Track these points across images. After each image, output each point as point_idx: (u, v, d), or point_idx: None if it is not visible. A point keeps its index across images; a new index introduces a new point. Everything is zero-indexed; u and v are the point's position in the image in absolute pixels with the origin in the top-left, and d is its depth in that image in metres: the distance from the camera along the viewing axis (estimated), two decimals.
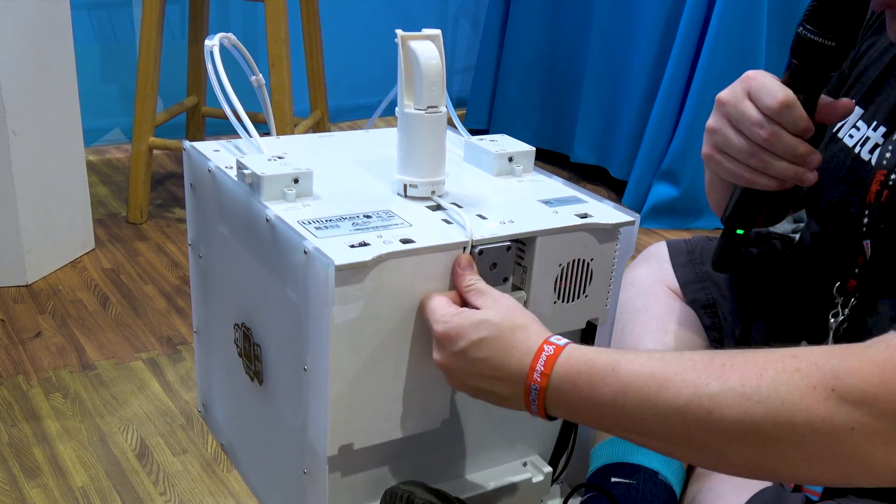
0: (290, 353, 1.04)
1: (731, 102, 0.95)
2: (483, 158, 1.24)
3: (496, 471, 1.20)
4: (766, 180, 0.95)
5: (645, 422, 0.81)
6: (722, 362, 0.78)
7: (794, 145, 0.92)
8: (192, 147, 1.26)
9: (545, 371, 0.87)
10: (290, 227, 1.00)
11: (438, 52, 1.06)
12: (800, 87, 0.93)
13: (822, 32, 0.91)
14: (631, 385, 0.81)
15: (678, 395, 0.78)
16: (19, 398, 1.57)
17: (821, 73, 0.93)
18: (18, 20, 1.82)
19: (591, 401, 0.85)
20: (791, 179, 0.94)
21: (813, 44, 0.92)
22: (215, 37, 1.24)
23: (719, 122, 0.97)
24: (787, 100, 0.91)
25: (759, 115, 0.92)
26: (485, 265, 1.02)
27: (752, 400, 0.74)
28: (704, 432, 0.77)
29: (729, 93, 0.96)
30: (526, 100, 3.07)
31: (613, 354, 0.85)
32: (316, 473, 1.04)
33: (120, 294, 1.97)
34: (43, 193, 1.97)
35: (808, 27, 0.92)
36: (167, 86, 2.66)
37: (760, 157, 0.93)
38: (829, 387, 0.72)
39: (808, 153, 0.92)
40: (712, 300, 1.29)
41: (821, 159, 0.93)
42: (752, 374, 0.75)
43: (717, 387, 0.76)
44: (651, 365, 0.81)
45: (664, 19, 2.59)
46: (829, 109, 0.95)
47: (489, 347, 0.91)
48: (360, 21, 3.23)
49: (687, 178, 2.58)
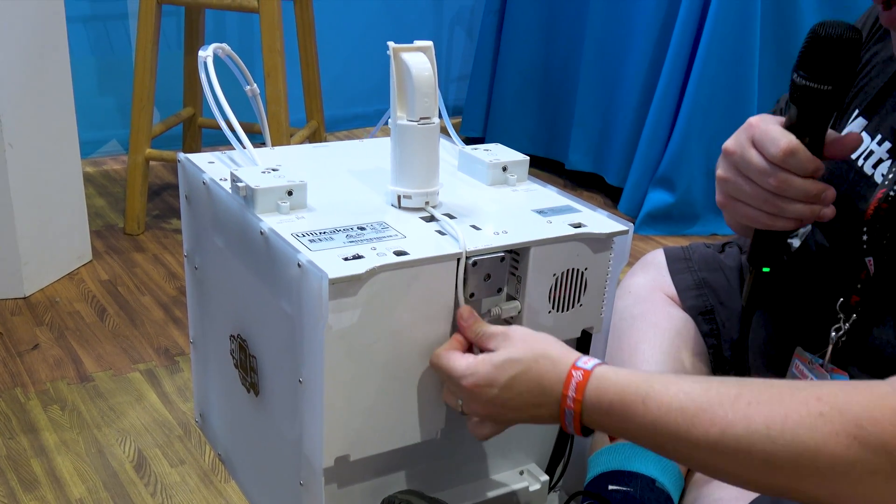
0: (286, 365, 1.05)
1: (738, 152, 0.94)
2: (477, 168, 1.24)
3: (493, 479, 1.20)
4: (783, 223, 0.95)
5: (677, 452, 0.86)
6: (748, 401, 0.80)
7: (805, 188, 0.91)
8: (186, 159, 1.26)
9: (577, 397, 0.90)
10: (283, 239, 1.00)
11: (430, 63, 1.07)
12: (804, 131, 0.91)
13: (816, 78, 0.89)
14: (661, 420, 0.84)
15: (707, 433, 0.81)
16: (17, 410, 1.58)
17: (822, 115, 0.91)
18: (14, 33, 1.83)
19: (623, 428, 0.89)
20: (808, 218, 0.93)
21: (809, 90, 0.90)
22: (209, 47, 1.24)
23: (729, 171, 0.96)
24: (791, 146, 0.90)
25: (765, 163, 0.91)
26: (479, 276, 1.02)
27: (777, 444, 0.78)
28: (733, 465, 0.81)
29: (734, 142, 0.95)
30: (521, 108, 3.08)
31: (643, 385, 0.87)
32: (312, 485, 1.04)
33: (117, 305, 1.97)
34: (40, 205, 1.97)
35: (802, 73, 0.90)
36: (163, 97, 2.67)
37: (774, 203, 0.93)
38: (851, 434, 0.75)
39: (821, 191, 0.91)
40: (710, 307, 1.29)
41: (835, 194, 0.92)
42: (778, 416, 0.78)
43: (742, 428, 0.79)
44: (680, 399, 0.84)
45: (658, 26, 2.60)
46: (838, 146, 0.94)
47: (520, 384, 0.94)
48: (355, 31, 3.24)
49: (682, 184, 2.58)
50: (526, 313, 1.08)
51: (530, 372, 0.94)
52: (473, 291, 1.03)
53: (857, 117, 1.05)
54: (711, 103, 2.52)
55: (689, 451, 0.84)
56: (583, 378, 0.90)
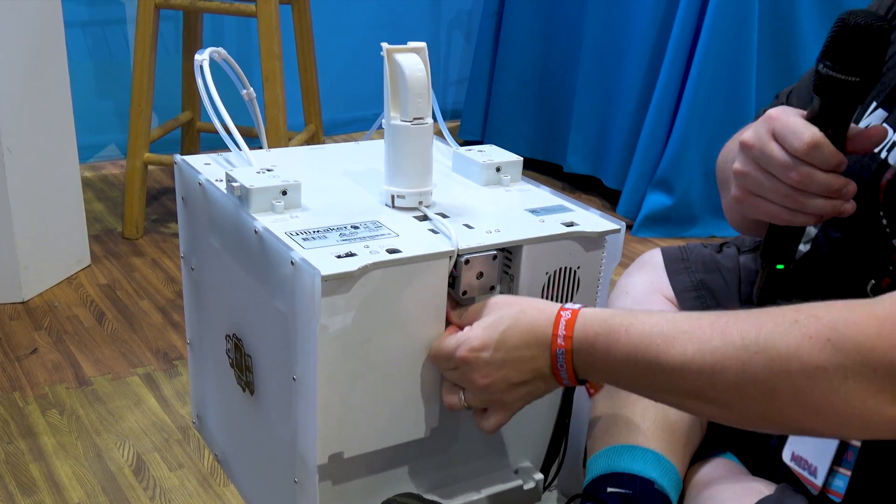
0: (280, 363, 1.05)
1: (757, 146, 0.91)
2: (471, 169, 1.25)
3: (487, 478, 1.20)
4: (804, 219, 0.92)
5: (656, 377, 0.85)
6: (726, 320, 0.81)
7: (828, 182, 0.88)
8: (183, 161, 1.27)
9: (567, 334, 0.91)
10: (277, 238, 1.01)
11: (423, 64, 1.07)
12: (826, 123, 0.88)
13: (843, 69, 0.86)
14: (642, 343, 0.85)
15: (684, 351, 0.82)
16: (15, 415, 1.58)
17: (847, 107, 0.88)
18: (13, 38, 1.83)
19: (608, 360, 0.89)
20: (829, 214, 0.90)
21: (835, 80, 0.86)
22: (205, 51, 1.25)
23: (748, 165, 0.93)
24: (815, 139, 0.87)
25: (787, 157, 0.89)
26: (471, 274, 1.03)
27: (751, 352, 0.77)
28: (709, 386, 0.81)
29: (753, 135, 0.92)
30: (519, 111, 3.09)
31: (627, 316, 0.88)
32: (306, 482, 1.04)
33: (116, 310, 1.98)
34: (38, 210, 1.98)
35: (828, 64, 0.87)
36: (162, 101, 2.68)
37: (795, 198, 0.90)
38: (824, 336, 0.74)
39: (843, 186, 0.89)
40: (708, 308, 1.30)
41: (856, 189, 0.90)
42: (752, 327, 0.78)
43: (719, 342, 0.79)
44: (661, 325, 0.85)
45: (656, 29, 2.60)
46: (862, 139, 0.91)
47: (512, 337, 0.95)
48: (353, 35, 3.25)
49: (681, 186, 2.59)
50: None
51: (520, 323, 0.95)
52: (466, 289, 1.04)
53: (875, 109, 1.02)
54: (709, 105, 2.53)
55: (667, 374, 0.83)
56: (571, 316, 0.92)
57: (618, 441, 1.17)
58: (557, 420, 1.20)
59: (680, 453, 1.17)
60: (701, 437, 1.24)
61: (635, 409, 1.19)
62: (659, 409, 1.18)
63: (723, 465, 1.22)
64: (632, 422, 1.17)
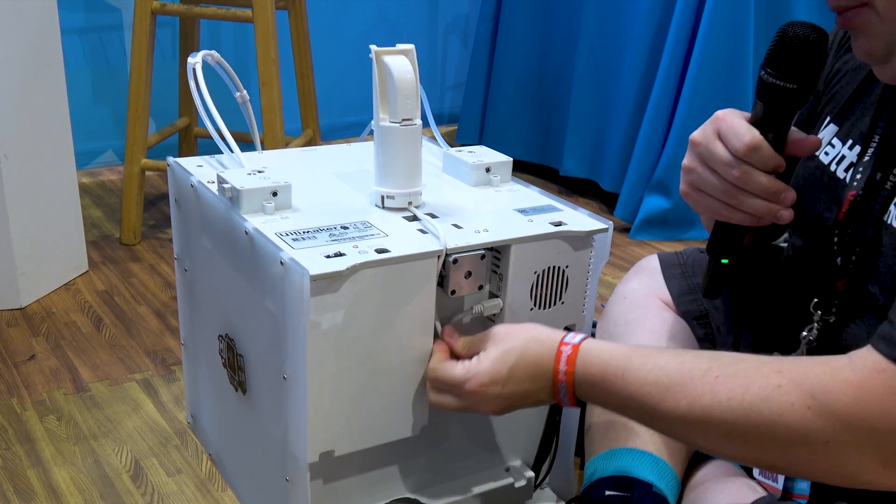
0: (271, 362, 1.06)
1: (703, 143, 0.97)
2: (461, 169, 1.25)
3: (478, 476, 1.21)
4: (741, 216, 0.97)
5: (652, 422, 0.93)
6: (716, 374, 0.86)
7: (765, 184, 0.94)
8: (175, 163, 1.28)
9: (568, 370, 0.96)
10: (267, 238, 1.02)
11: (412, 66, 1.08)
12: (768, 127, 0.94)
13: (782, 76, 0.92)
14: (637, 393, 0.90)
15: (676, 405, 0.87)
16: (13, 421, 1.58)
17: (786, 113, 0.94)
18: (9, 45, 1.84)
19: (606, 400, 0.96)
20: (765, 216, 0.96)
21: (775, 87, 0.92)
22: (198, 54, 1.26)
23: (693, 161, 0.99)
24: (754, 141, 0.93)
25: (728, 155, 0.94)
26: (459, 273, 1.04)
27: (737, 414, 0.83)
28: (701, 435, 0.87)
29: (700, 133, 0.98)
30: (516, 115, 3.09)
31: (623, 359, 0.93)
32: (298, 481, 1.05)
33: (114, 315, 1.98)
34: (36, 216, 1.98)
35: (769, 70, 0.93)
36: (159, 107, 2.69)
37: (734, 196, 0.96)
38: (805, 404, 0.79)
39: (780, 190, 0.94)
40: (705, 311, 1.30)
41: (795, 196, 0.95)
42: (740, 389, 0.83)
43: (708, 400, 0.85)
44: (655, 373, 0.90)
45: (652, 32, 2.61)
46: (799, 145, 0.97)
47: (520, 371, 0.99)
48: (350, 40, 3.25)
49: (678, 189, 2.58)
50: (508, 311, 1.09)
51: (526, 357, 0.99)
52: (454, 288, 1.05)
53: (828, 124, 1.06)
54: (706, 108, 2.53)
55: (662, 423, 0.90)
56: (572, 351, 0.96)
57: (616, 444, 1.17)
58: (548, 418, 1.21)
59: (678, 456, 1.17)
60: None
61: None
62: None
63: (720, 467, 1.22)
64: (629, 425, 1.17)
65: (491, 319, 1.11)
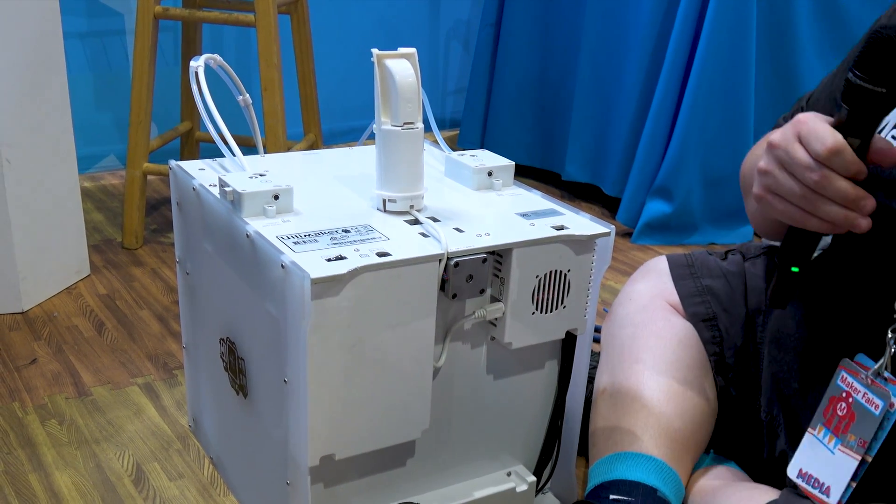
0: (272, 366, 1.06)
1: (782, 146, 0.94)
2: (463, 173, 1.25)
3: (480, 480, 1.20)
4: (817, 223, 0.94)
5: None
6: None
7: (844, 189, 0.91)
8: (177, 166, 1.28)
9: None
10: (268, 242, 1.02)
11: (414, 69, 1.08)
12: (851, 131, 0.91)
13: (871, 79, 0.89)
14: None
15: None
16: (15, 425, 1.58)
17: (872, 117, 0.91)
18: (12, 49, 1.84)
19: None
20: (842, 224, 0.93)
21: (862, 90, 0.89)
22: (200, 58, 1.26)
23: (771, 164, 0.96)
24: (837, 145, 0.90)
25: (809, 158, 0.92)
26: (461, 277, 1.04)
27: None
28: None
29: (780, 136, 0.95)
30: (518, 120, 3.09)
31: None
32: (298, 484, 1.05)
33: (115, 319, 1.98)
34: (37, 221, 1.98)
35: (857, 73, 0.90)
36: (161, 112, 2.69)
37: (811, 201, 0.93)
38: None
39: (859, 197, 0.91)
40: (712, 314, 1.30)
41: (874, 205, 0.92)
42: None
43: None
44: None
45: (654, 37, 2.61)
46: (882, 154, 0.93)
47: None
48: (352, 45, 3.26)
49: (680, 194, 2.59)
50: (510, 315, 1.09)
51: None
52: (456, 292, 1.05)
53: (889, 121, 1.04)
54: (708, 113, 2.53)
55: None
56: None
57: (620, 448, 1.17)
58: (550, 422, 1.21)
59: (683, 461, 1.17)
60: (704, 444, 1.24)
61: (638, 417, 1.19)
62: (662, 417, 1.18)
63: (725, 473, 1.22)
64: (634, 429, 1.17)
65: (492, 323, 1.11)
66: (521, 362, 1.18)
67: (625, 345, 1.29)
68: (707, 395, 1.24)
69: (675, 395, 1.21)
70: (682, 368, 1.24)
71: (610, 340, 1.33)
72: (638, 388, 1.21)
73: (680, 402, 1.20)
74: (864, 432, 0.98)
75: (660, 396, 1.20)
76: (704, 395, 1.23)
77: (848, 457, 0.99)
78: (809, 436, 1.05)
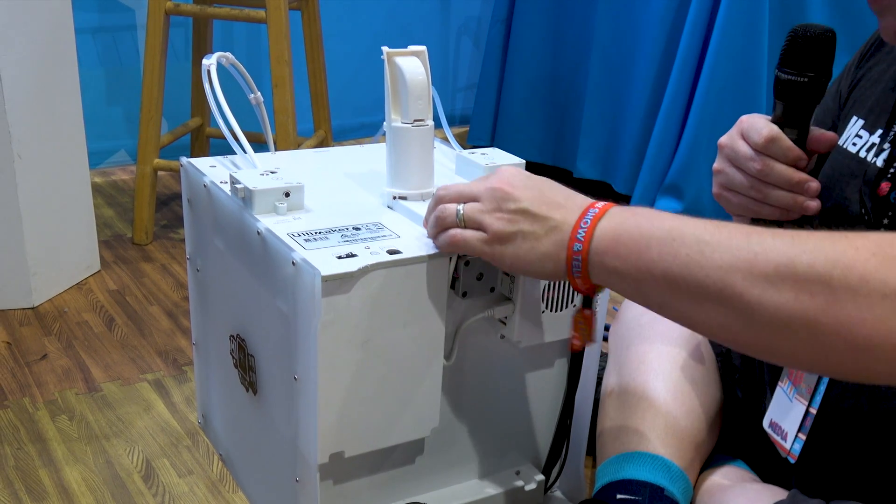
0: (282, 363, 1.06)
1: (728, 144, 1.05)
2: (473, 171, 1.25)
3: (488, 479, 1.20)
4: (768, 210, 1.03)
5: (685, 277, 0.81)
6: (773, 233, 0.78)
7: (787, 174, 1.00)
8: (188, 163, 1.28)
9: (598, 214, 0.93)
10: (279, 239, 1.02)
11: (424, 67, 1.08)
12: (789, 123, 1.01)
13: (796, 71, 0.99)
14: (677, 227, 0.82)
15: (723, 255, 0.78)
16: (25, 420, 1.59)
17: (804, 107, 1.01)
18: (23, 45, 1.85)
19: (645, 238, 0.85)
20: (792, 207, 1.01)
21: (791, 83, 1.00)
22: (213, 56, 1.26)
23: (721, 163, 1.07)
24: (772, 133, 1.00)
25: (750, 150, 1.01)
26: (471, 275, 1.04)
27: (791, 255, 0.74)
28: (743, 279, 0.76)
29: (726, 137, 1.06)
30: (529, 116, 3.09)
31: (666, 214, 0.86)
32: (307, 481, 1.05)
33: (126, 315, 1.98)
34: (48, 216, 1.99)
35: (784, 69, 1.00)
36: (172, 107, 2.69)
37: (759, 189, 1.02)
38: (871, 250, 0.71)
39: (803, 181, 1.00)
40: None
41: (819, 187, 1.00)
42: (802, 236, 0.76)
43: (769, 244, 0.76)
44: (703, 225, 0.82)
45: (666, 34, 2.60)
46: (818, 141, 1.03)
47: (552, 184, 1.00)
48: (363, 41, 3.26)
49: (691, 192, 2.58)
50: (519, 313, 1.09)
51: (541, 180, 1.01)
52: (466, 290, 1.04)
53: (855, 123, 1.10)
54: (720, 111, 2.53)
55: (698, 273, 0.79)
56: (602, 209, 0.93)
57: (627, 448, 1.17)
58: (559, 421, 1.21)
59: (690, 461, 1.17)
60: (711, 444, 1.24)
61: (645, 416, 1.19)
62: (669, 416, 1.18)
63: (733, 473, 1.22)
64: (642, 429, 1.17)
65: (502, 322, 1.11)
66: (531, 361, 1.18)
67: (632, 345, 1.29)
68: (714, 396, 1.24)
69: (682, 394, 1.21)
70: (689, 369, 1.24)
71: (618, 341, 1.33)
72: (645, 388, 1.22)
73: (687, 401, 1.20)
74: (809, 379, 1.05)
75: (667, 396, 1.20)
76: (711, 395, 1.23)
77: (799, 403, 1.05)
78: (779, 388, 1.10)
